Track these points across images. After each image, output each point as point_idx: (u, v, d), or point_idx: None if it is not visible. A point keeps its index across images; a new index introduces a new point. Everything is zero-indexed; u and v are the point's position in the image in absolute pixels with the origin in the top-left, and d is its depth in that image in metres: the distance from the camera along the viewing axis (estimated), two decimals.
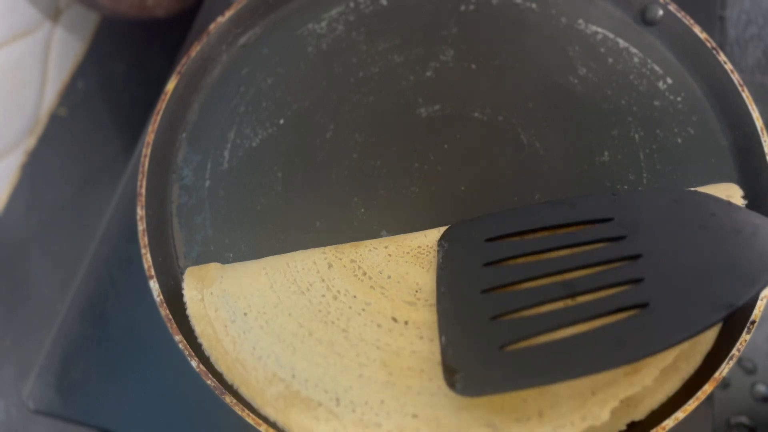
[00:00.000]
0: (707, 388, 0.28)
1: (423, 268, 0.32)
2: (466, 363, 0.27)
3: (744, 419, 0.35)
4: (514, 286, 0.29)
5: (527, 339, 0.26)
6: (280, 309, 0.31)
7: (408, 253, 0.32)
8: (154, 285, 0.33)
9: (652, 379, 0.27)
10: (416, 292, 0.31)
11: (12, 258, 0.51)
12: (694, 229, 0.27)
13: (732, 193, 0.32)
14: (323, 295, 0.31)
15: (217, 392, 0.30)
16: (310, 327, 0.30)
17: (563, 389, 0.27)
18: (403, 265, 0.32)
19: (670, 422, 0.28)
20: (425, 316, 0.30)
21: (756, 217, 0.27)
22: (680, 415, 0.27)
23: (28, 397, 0.40)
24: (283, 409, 0.29)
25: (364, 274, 0.32)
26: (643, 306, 0.25)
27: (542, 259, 0.29)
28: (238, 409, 0.30)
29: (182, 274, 0.36)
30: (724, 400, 0.33)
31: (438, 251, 0.32)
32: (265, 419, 0.29)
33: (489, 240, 0.31)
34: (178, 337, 0.31)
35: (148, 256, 0.33)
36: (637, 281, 0.26)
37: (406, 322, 0.30)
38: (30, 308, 0.49)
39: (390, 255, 0.32)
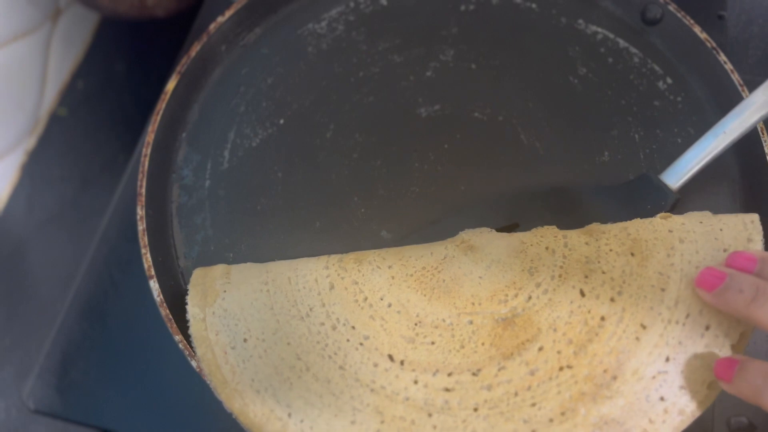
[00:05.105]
0: None
1: (425, 296, 0.31)
2: None
3: (744, 419, 0.35)
4: None
5: None
6: (279, 336, 0.30)
7: (411, 275, 0.32)
8: (154, 285, 0.33)
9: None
10: (416, 325, 0.31)
11: (12, 258, 0.51)
12: None
13: (754, 219, 0.30)
14: (322, 323, 0.31)
15: (216, 392, 0.30)
16: (307, 360, 0.30)
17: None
18: (405, 291, 0.31)
19: None
20: (422, 356, 0.30)
21: None
22: None
23: (28, 397, 0.40)
24: None
25: (365, 299, 0.31)
26: None
27: None
28: None
29: (182, 274, 0.36)
30: (724, 400, 0.33)
31: None
32: None
33: None
34: (178, 337, 0.31)
35: (148, 256, 0.33)
36: None
37: (402, 362, 0.30)
38: (30, 308, 0.49)
39: (393, 278, 0.32)
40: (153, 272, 0.33)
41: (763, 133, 0.34)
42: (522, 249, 0.32)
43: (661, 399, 0.27)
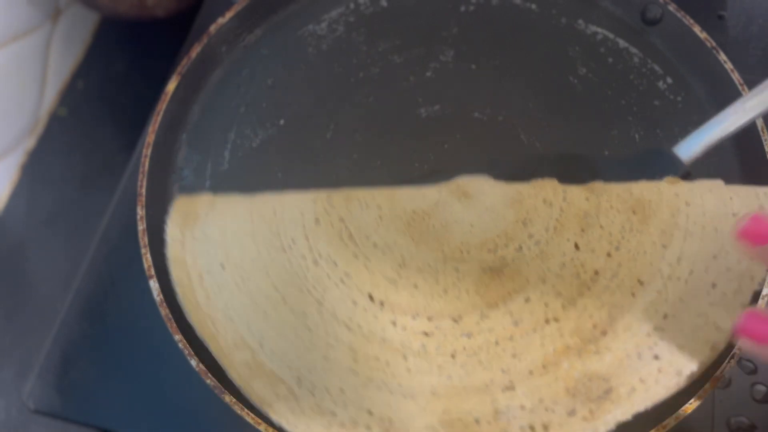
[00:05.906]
0: (707, 388, 0.28)
1: (413, 239, 0.30)
2: None
3: (744, 419, 0.35)
4: None
5: None
6: (257, 265, 0.30)
7: (400, 218, 0.31)
8: (154, 285, 0.33)
9: None
10: (400, 267, 0.30)
11: (12, 258, 0.51)
12: None
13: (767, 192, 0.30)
14: (303, 257, 0.30)
15: (216, 391, 0.30)
16: (285, 292, 0.29)
17: None
18: (393, 232, 0.30)
19: (671, 421, 0.28)
20: (403, 299, 0.29)
21: None
22: (681, 414, 0.27)
23: (28, 397, 0.40)
24: (247, 377, 0.28)
25: (350, 237, 0.30)
26: None
27: None
28: (238, 408, 0.29)
29: None
30: (724, 400, 0.33)
31: None
32: (251, 406, 0.29)
33: None
34: (177, 337, 0.31)
35: (148, 256, 0.33)
36: None
37: (382, 303, 0.29)
38: (30, 308, 0.49)
39: (381, 218, 0.31)
40: (153, 272, 0.33)
41: (763, 133, 0.34)
42: (518, 199, 0.31)
43: (656, 357, 0.26)
